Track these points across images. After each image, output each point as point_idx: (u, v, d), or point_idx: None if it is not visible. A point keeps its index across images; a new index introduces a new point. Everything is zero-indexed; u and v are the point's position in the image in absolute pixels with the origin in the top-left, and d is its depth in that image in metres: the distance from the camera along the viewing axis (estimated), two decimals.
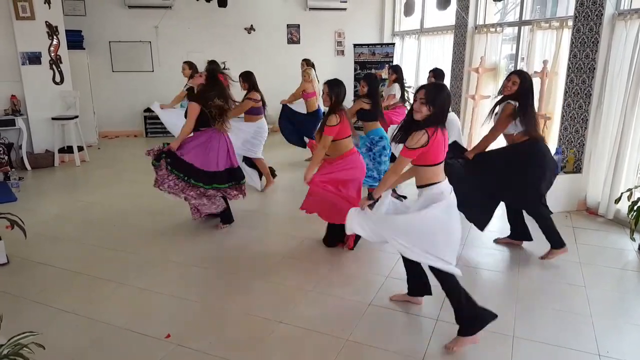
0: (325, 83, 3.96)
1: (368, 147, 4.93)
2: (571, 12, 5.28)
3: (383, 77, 9.64)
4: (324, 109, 4.80)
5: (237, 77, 5.44)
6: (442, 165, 2.75)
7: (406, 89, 8.88)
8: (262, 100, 5.57)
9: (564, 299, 3.39)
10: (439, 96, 2.66)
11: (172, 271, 3.85)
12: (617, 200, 4.45)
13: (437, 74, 5.74)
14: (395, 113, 6.26)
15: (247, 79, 5.48)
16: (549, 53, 5.75)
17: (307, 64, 7.85)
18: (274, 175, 6.16)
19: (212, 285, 3.63)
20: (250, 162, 5.79)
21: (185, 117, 4.35)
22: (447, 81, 7.81)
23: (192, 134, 4.38)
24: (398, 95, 6.61)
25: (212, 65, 7.01)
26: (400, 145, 2.78)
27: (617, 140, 4.71)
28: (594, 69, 4.91)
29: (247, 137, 5.55)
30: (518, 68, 6.48)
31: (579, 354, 2.77)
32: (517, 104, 3.72)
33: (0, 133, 6.44)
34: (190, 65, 6.31)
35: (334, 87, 3.90)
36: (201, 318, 3.15)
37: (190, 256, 4.10)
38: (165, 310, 3.26)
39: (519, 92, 3.71)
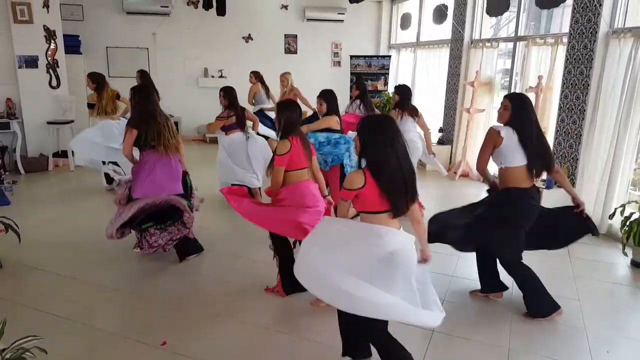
0: (277, 104, 3.69)
1: (327, 141, 4.53)
2: (565, 29, 5.38)
3: (379, 89, 9.72)
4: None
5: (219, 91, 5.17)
6: None
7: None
8: (237, 115, 5.14)
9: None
10: (362, 133, 2.31)
11: (168, 278, 3.83)
12: (612, 216, 4.51)
13: (399, 91, 5.35)
14: None
15: (228, 94, 5.13)
16: (544, 69, 5.84)
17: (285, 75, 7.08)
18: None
19: (208, 292, 3.61)
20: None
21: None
22: (442, 94, 7.90)
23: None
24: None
25: (143, 79, 6.21)
26: None
27: (610, 156, 4.78)
28: (588, 85, 4.99)
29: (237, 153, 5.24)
30: (512, 81, 6.57)
31: None
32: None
33: None
34: (93, 79, 5.80)
35: (284, 111, 3.31)
36: (197, 325, 3.13)
37: (185, 263, 4.08)
38: (160, 317, 3.25)
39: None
